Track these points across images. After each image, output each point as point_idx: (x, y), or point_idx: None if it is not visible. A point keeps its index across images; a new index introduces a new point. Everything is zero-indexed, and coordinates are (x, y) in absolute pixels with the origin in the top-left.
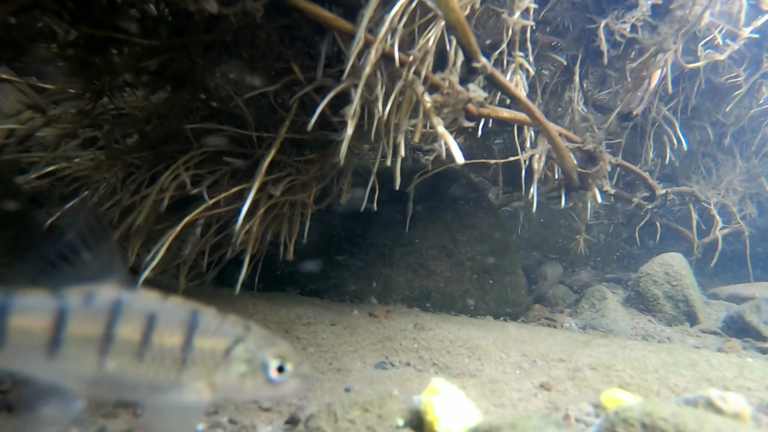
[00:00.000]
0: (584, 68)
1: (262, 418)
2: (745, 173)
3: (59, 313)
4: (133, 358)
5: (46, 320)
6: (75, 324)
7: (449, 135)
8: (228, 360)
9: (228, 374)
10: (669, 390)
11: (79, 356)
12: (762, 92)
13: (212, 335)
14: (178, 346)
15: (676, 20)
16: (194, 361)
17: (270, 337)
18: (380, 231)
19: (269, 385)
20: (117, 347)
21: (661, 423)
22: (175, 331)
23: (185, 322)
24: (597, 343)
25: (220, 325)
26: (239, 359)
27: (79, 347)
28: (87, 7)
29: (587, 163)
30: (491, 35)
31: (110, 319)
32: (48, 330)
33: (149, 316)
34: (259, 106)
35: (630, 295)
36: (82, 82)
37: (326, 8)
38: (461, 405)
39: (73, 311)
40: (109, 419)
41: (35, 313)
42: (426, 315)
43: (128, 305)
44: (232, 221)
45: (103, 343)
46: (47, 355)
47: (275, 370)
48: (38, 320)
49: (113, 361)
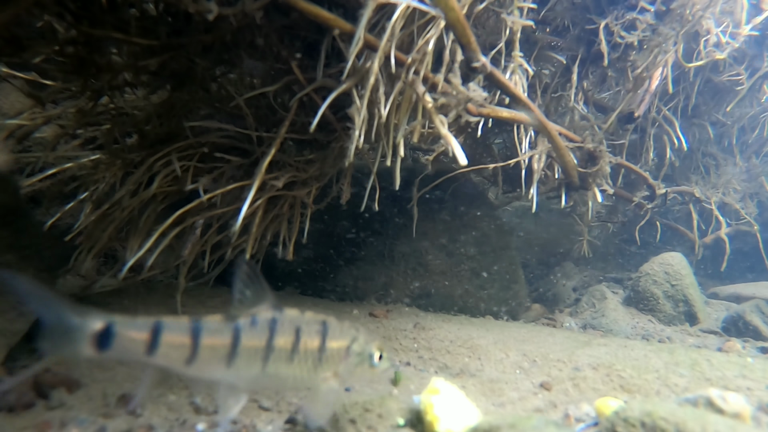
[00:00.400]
0: (584, 68)
1: (263, 417)
2: (745, 173)
3: (234, 333)
4: (286, 361)
5: (227, 338)
6: (245, 339)
7: (452, 136)
8: (348, 354)
9: (348, 365)
10: (669, 389)
11: (249, 363)
12: (763, 92)
13: (338, 338)
14: (317, 348)
15: (677, 20)
16: (327, 358)
17: (370, 335)
18: (380, 230)
19: (372, 369)
20: (275, 354)
21: (661, 422)
22: (314, 337)
23: (320, 330)
24: (597, 342)
25: (341, 329)
26: (355, 353)
27: (248, 357)
28: (86, 7)
29: (587, 163)
30: (491, 35)
31: (269, 333)
32: (228, 346)
33: (296, 328)
34: (259, 106)
35: (630, 294)
36: (82, 81)
37: (326, 8)
38: (461, 404)
39: (244, 330)
40: (109, 419)
41: (218, 333)
42: (426, 315)
43: (281, 322)
44: (232, 221)
45: (265, 352)
46: (227, 364)
47: (377, 358)
48: (220, 338)
49: (272, 365)
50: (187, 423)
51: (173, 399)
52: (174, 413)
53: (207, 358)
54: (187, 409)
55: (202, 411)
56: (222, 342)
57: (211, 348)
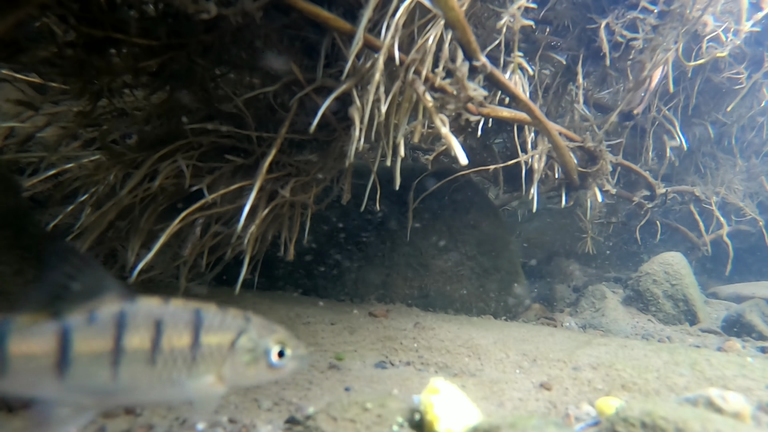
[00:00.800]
0: (585, 68)
1: (262, 417)
2: (745, 172)
3: (62, 335)
4: (146, 365)
5: (49, 343)
6: (80, 342)
7: (452, 136)
8: (234, 352)
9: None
10: (669, 389)
11: (90, 372)
12: (763, 92)
13: (217, 331)
14: (187, 346)
15: (677, 19)
16: (203, 358)
17: (269, 325)
18: (380, 230)
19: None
20: (128, 357)
21: (661, 422)
22: (182, 332)
23: (190, 322)
24: (597, 342)
25: (222, 320)
26: (244, 349)
27: (88, 364)
28: (86, 7)
29: (588, 163)
30: (491, 35)
31: (117, 331)
32: (52, 352)
33: (155, 322)
34: (259, 106)
35: (630, 294)
36: (81, 83)
37: (326, 8)
38: (461, 404)
39: (76, 330)
40: (109, 419)
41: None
42: (426, 314)
43: (132, 315)
44: (232, 221)
45: (113, 356)
46: (56, 376)
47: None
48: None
49: (126, 371)
50: (187, 423)
51: None
52: (174, 413)
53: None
54: (187, 408)
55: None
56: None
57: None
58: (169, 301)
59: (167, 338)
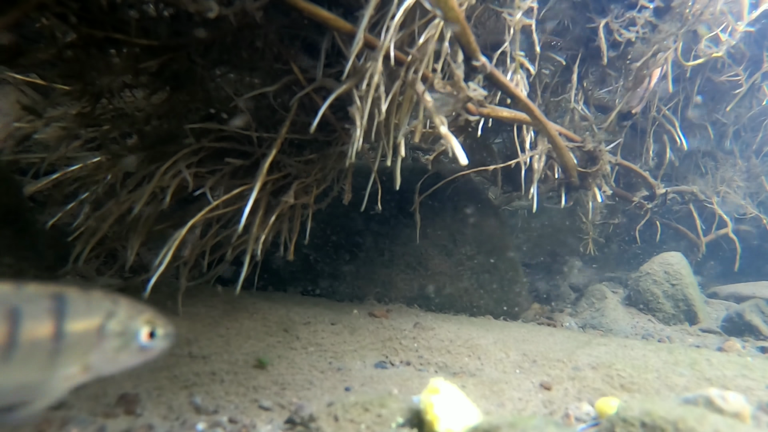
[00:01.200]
0: (584, 67)
1: (262, 417)
2: (745, 172)
3: None
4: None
5: None
6: None
7: (452, 136)
8: (102, 337)
9: (103, 351)
10: (669, 389)
11: None
12: (763, 92)
13: (83, 316)
14: (50, 336)
15: (677, 18)
16: (68, 347)
17: (137, 306)
18: (380, 230)
19: (142, 352)
20: None
21: (661, 422)
22: (44, 320)
23: (52, 309)
24: (597, 342)
25: (88, 304)
26: (113, 334)
27: None
28: (86, 8)
29: (587, 163)
30: (491, 35)
31: None
32: None
33: (11, 311)
34: (259, 107)
35: (630, 294)
36: (81, 84)
37: (326, 8)
38: (461, 404)
39: None
40: (109, 419)
41: None
42: (426, 314)
43: None
44: (233, 221)
45: None
46: None
47: (147, 335)
48: None
49: None
50: (187, 423)
51: (173, 399)
52: (174, 413)
53: None
54: (187, 408)
55: (202, 411)
56: None
57: None
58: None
59: (26, 329)
